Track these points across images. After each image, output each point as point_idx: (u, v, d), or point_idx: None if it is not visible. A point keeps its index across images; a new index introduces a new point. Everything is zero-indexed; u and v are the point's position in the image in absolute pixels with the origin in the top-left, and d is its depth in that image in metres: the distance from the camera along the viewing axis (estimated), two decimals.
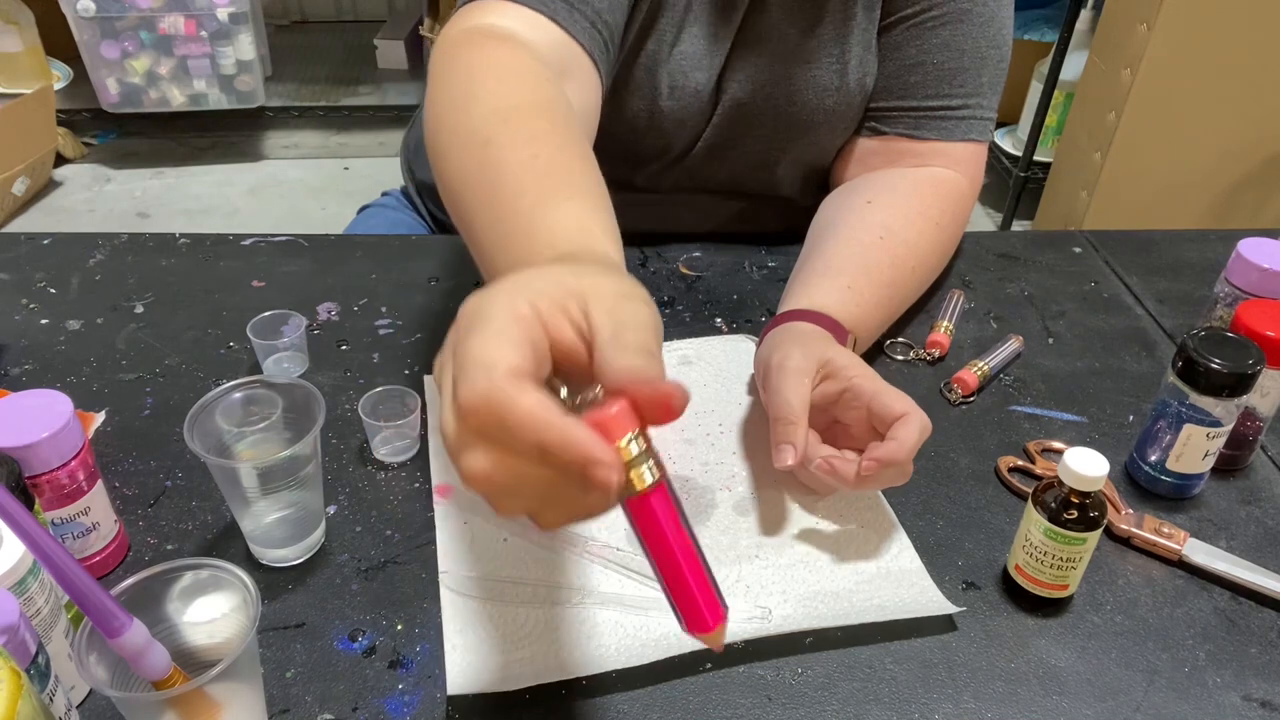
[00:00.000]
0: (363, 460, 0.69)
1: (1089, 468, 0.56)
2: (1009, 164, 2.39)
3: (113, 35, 2.35)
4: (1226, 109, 1.95)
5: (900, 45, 0.83)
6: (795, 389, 0.63)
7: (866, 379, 0.63)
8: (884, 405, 0.61)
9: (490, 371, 0.36)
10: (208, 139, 2.70)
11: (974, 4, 0.81)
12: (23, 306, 0.83)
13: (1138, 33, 1.92)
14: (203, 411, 0.57)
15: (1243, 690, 0.57)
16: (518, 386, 0.36)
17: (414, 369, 0.77)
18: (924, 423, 0.60)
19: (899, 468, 0.60)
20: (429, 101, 0.64)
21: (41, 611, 0.50)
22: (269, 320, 0.75)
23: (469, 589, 0.60)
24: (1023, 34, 2.55)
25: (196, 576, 0.48)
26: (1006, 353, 0.81)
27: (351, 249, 0.92)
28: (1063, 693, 0.56)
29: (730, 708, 0.54)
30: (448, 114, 0.61)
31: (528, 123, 0.58)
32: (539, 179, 0.54)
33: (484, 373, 0.36)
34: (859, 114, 0.87)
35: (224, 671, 0.43)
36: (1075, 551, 0.58)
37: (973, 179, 0.87)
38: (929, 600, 0.60)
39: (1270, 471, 0.73)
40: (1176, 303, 0.91)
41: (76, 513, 0.57)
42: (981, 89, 0.84)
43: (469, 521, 0.64)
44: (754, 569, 0.62)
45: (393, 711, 0.53)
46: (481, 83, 0.61)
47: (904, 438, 0.59)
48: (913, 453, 0.59)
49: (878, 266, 0.77)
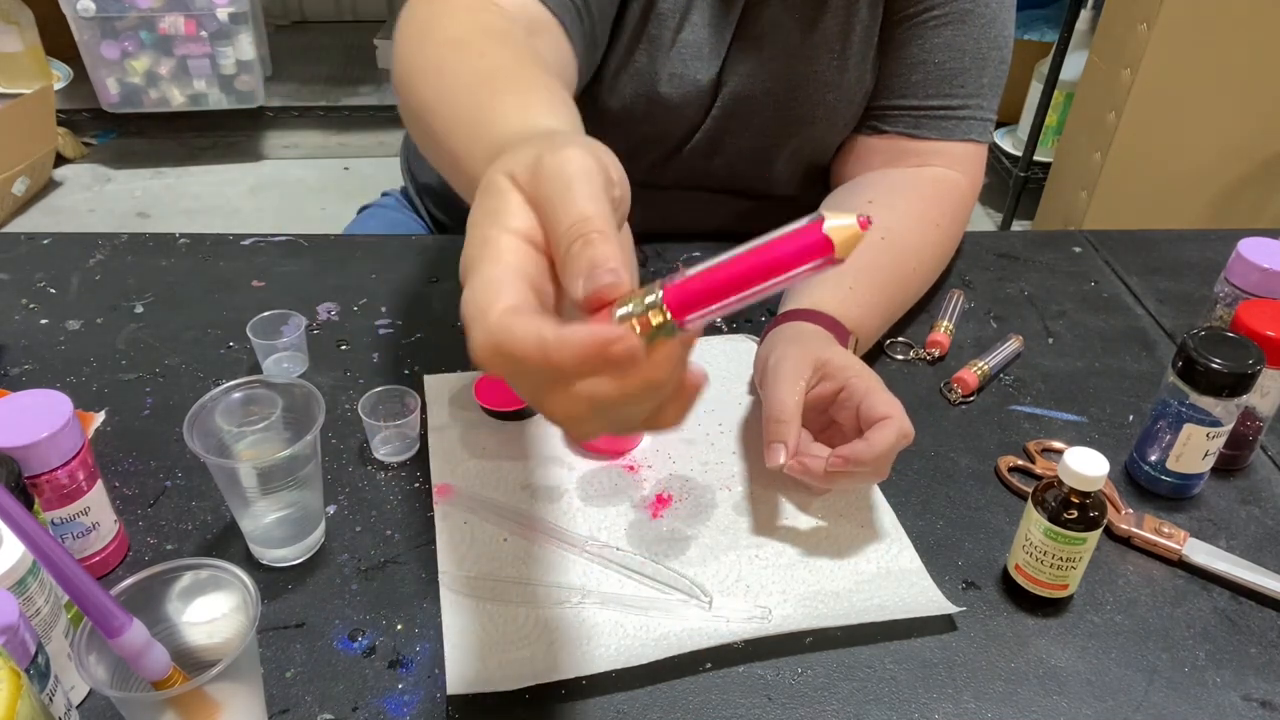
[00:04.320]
0: (362, 460, 0.69)
1: (1089, 467, 0.56)
2: (1009, 164, 2.39)
3: (113, 35, 2.35)
4: (1226, 109, 1.95)
5: (902, 44, 0.84)
6: (789, 388, 0.63)
7: (862, 379, 0.63)
8: (870, 406, 0.61)
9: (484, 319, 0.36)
10: (208, 139, 2.70)
11: (976, 5, 0.82)
12: (23, 306, 0.83)
13: (1138, 33, 1.92)
14: (202, 411, 0.57)
15: (1243, 690, 0.57)
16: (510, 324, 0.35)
17: (414, 369, 0.77)
18: (903, 429, 0.60)
19: (871, 467, 0.60)
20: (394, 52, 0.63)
21: (41, 611, 0.50)
22: (269, 320, 0.75)
23: (469, 589, 0.60)
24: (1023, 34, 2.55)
25: (196, 576, 0.48)
26: (1006, 352, 0.81)
27: (351, 249, 0.92)
28: (1063, 693, 0.56)
29: (730, 708, 0.54)
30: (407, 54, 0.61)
31: (477, 43, 0.58)
32: (484, 82, 0.53)
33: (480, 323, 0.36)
34: (859, 111, 0.87)
35: (224, 671, 0.43)
36: (1075, 551, 0.58)
37: (973, 179, 0.87)
38: (929, 600, 0.60)
39: (1270, 471, 0.73)
40: (1176, 302, 0.91)
41: (76, 513, 0.57)
42: (982, 90, 0.84)
43: (469, 522, 0.64)
44: (754, 569, 0.62)
45: (392, 711, 0.53)
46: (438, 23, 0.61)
47: (876, 441, 0.59)
48: (883, 456, 0.60)
49: (879, 268, 0.77)
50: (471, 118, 0.52)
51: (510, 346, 0.35)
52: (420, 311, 0.83)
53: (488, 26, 0.60)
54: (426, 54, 0.59)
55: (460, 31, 0.60)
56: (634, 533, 0.64)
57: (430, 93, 0.57)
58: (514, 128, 0.48)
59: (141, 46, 2.39)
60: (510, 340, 0.35)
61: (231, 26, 2.40)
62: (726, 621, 0.58)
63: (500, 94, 0.52)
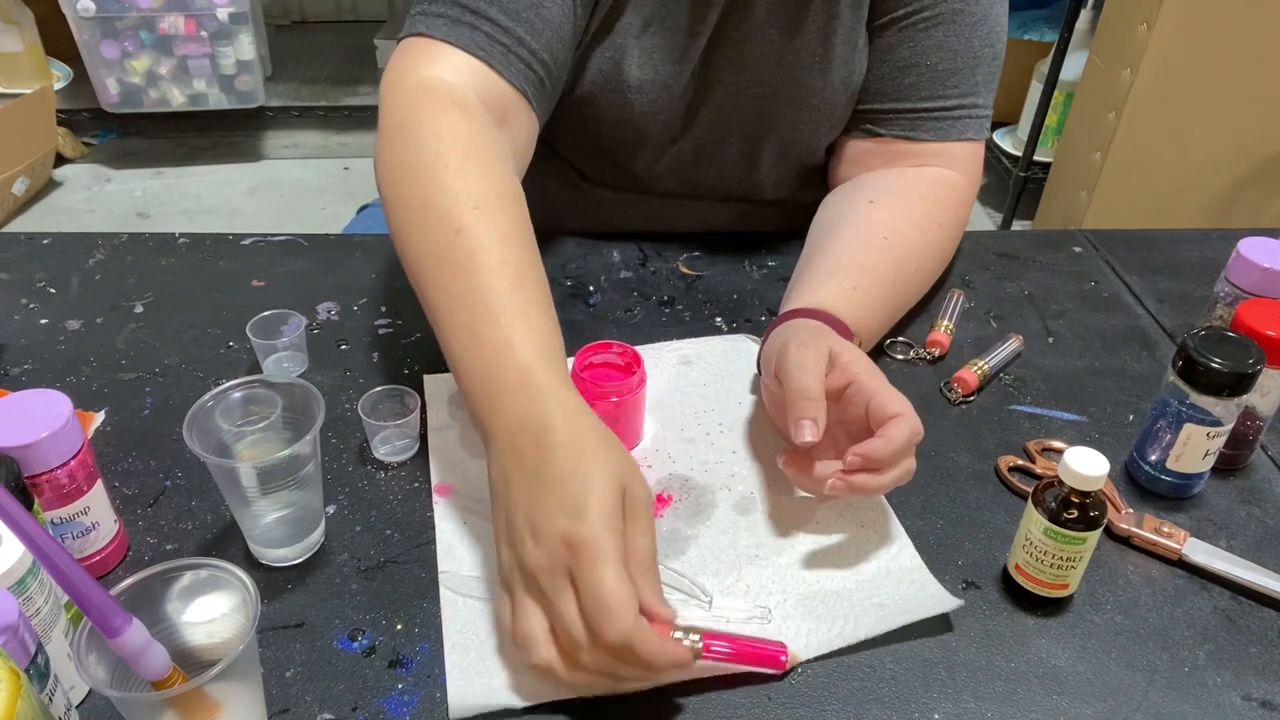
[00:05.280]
0: (362, 460, 0.69)
1: (1089, 467, 0.56)
2: (1009, 164, 2.39)
3: (113, 35, 2.35)
4: (1226, 109, 1.95)
5: (893, 47, 0.83)
6: (814, 371, 0.62)
7: (871, 377, 0.62)
8: (880, 404, 0.61)
9: (625, 614, 0.49)
10: (208, 139, 2.70)
11: (967, 4, 0.81)
12: (22, 306, 0.83)
13: (1138, 33, 1.92)
14: (202, 411, 0.57)
15: (1243, 690, 0.57)
16: (646, 627, 0.50)
17: (414, 369, 0.77)
18: (914, 426, 0.60)
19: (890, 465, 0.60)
20: (385, 161, 0.68)
21: (41, 611, 0.50)
22: (268, 320, 0.75)
23: (469, 589, 0.60)
24: (1023, 34, 2.55)
25: (196, 576, 0.48)
26: (1006, 352, 0.81)
27: (351, 249, 0.92)
28: (1062, 692, 0.56)
29: (730, 707, 0.54)
30: (411, 185, 0.66)
31: (496, 216, 0.63)
32: (512, 289, 0.61)
33: (621, 617, 0.49)
34: (846, 112, 0.87)
35: (223, 671, 0.43)
36: (1075, 551, 0.58)
37: (971, 177, 0.87)
38: (929, 596, 0.60)
39: (1270, 471, 0.73)
40: (1177, 302, 0.91)
41: (76, 512, 0.57)
42: (976, 88, 0.84)
43: (468, 521, 0.64)
44: (754, 569, 0.62)
45: (392, 711, 0.53)
46: (448, 164, 0.65)
47: (893, 436, 0.59)
48: (899, 452, 0.59)
49: (882, 268, 0.77)
50: (486, 321, 0.60)
51: (642, 649, 0.49)
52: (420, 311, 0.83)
53: (499, 184, 0.66)
54: (444, 202, 0.63)
55: (475, 187, 0.64)
56: None
57: (444, 251, 0.63)
58: (532, 361, 0.58)
59: (141, 46, 2.39)
60: (644, 646, 0.49)
61: (231, 26, 2.40)
62: (727, 621, 0.58)
63: (520, 315, 0.60)
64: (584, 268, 0.90)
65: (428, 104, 0.68)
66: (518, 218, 0.65)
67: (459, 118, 0.67)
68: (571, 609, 0.50)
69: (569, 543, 0.50)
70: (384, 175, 0.68)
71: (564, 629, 0.50)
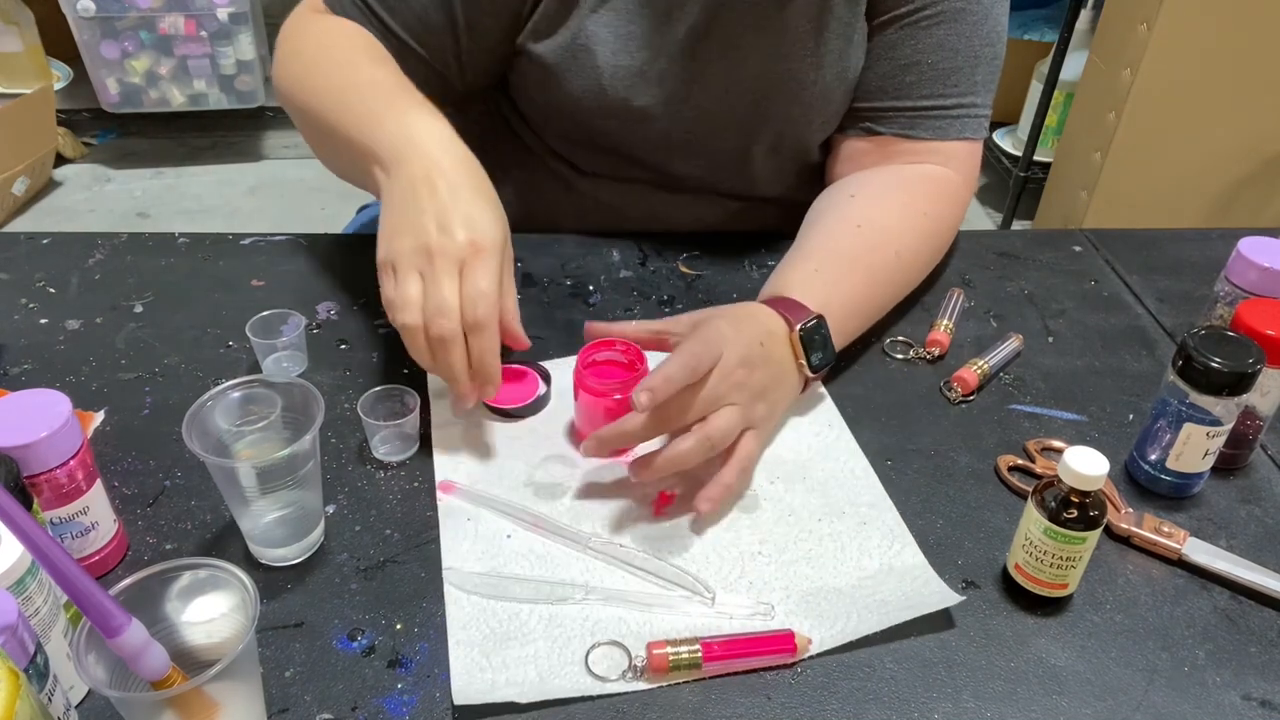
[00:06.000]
0: (362, 460, 0.69)
1: (1089, 467, 0.56)
2: (1009, 164, 2.39)
3: (113, 35, 2.35)
4: (1226, 109, 1.95)
5: (894, 45, 0.83)
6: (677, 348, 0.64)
7: (690, 339, 0.64)
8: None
9: (493, 304, 0.63)
10: (208, 139, 2.70)
11: (969, 2, 0.81)
12: (22, 306, 0.83)
13: (1138, 33, 1.92)
14: (202, 411, 0.57)
15: (1243, 690, 0.57)
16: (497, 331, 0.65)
17: (413, 369, 0.77)
18: (681, 360, 0.61)
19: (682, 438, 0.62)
20: (280, 49, 0.83)
21: (40, 611, 0.49)
22: (268, 319, 0.75)
23: (473, 585, 0.60)
24: (1023, 34, 2.55)
25: (195, 576, 0.48)
26: (1006, 351, 0.81)
27: (351, 249, 0.92)
28: (1062, 692, 0.56)
29: (730, 707, 0.54)
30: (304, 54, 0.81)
31: (380, 62, 0.77)
32: (388, 76, 0.75)
33: (490, 303, 0.63)
34: (841, 107, 0.87)
35: (223, 671, 0.43)
36: (1075, 550, 0.58)
37: (966, 175, 0.87)
38: (931, 592, 0.60)
39: (1270, 471, 0.73)
40: (1177, 301, 0.91)
41: (75, 512, 0.57)
42: (976, 87, 0.84)
43: (472, 518, 0.64)
44: (756, 565, 0.62)
45: (392, 711, 0.53)
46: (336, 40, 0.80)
47: (658, 370, 0.61)
48: (670, 380, 0.60)
49: (850, 251, 0.77)
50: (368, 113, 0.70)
51: (487, 331, 0.63)
52: None
53: (350, 31, 0.80)
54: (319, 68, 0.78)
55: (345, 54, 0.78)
56: (637, 530, 0.64)
57: (327, 99, 0.75)
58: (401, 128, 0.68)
59: (141, 46, 2.39)
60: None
61: (231, 26, 2.40)
62: (730, 618, 0.58)
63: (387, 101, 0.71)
64: (584, 267, 0.90)
65: (314, 13, 0.83)
66: (395, 68, 0.76)
67: (339, 19, 0.81)
68: (452, 285, 0.62)
69: (474, 243, 0.62)
70: (278, 56, 0.83)
71: (439, 297, 0.61)
